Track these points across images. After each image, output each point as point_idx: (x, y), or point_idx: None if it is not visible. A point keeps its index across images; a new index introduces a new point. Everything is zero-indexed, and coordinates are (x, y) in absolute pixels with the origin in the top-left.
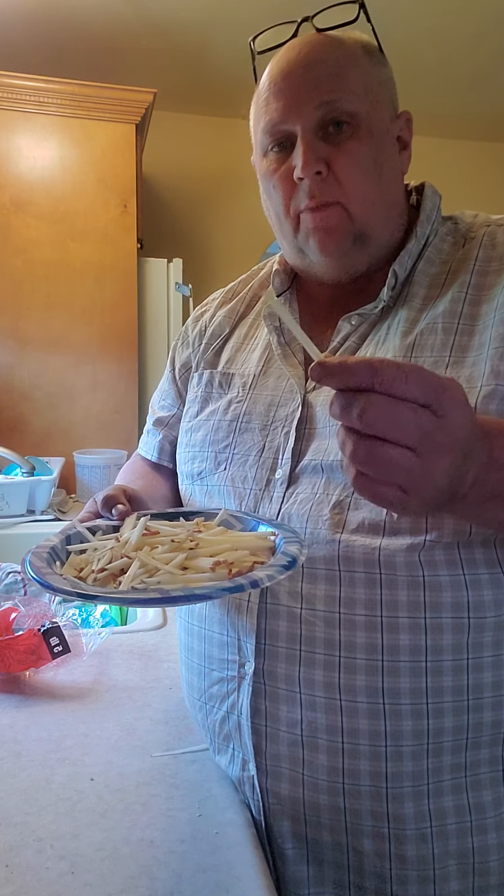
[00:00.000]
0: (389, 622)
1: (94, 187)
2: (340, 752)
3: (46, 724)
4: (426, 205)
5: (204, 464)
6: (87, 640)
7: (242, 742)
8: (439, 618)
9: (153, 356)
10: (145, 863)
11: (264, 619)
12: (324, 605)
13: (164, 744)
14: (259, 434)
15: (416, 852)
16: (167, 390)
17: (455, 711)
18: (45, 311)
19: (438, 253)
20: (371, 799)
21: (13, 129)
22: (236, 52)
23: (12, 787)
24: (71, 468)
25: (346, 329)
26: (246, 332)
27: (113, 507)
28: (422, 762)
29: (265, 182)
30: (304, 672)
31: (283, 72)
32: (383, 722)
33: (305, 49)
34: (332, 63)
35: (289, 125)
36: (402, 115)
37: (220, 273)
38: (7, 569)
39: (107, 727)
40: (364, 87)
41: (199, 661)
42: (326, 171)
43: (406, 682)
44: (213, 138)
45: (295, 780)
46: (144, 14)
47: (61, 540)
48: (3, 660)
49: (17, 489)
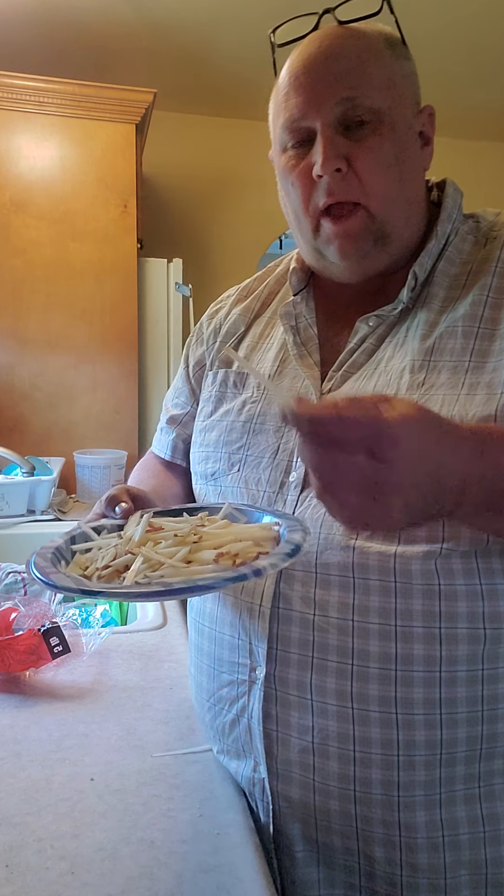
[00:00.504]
0: (404, 631)
1: (94, 187)
2: (352, 760)
3: (46, 724)
4: (447, 203)
5: (217, 464)
6: (87, 640)
7: (253, 745)
8: (454, 628)
9: (153, 356)
10: (146, 863)
11: (276, 624)
12: (337, 612)
13: (164, 744)
14: (273, 436)
15: (428, 861)
16: (181, 388)
17: (469, 722)
18: (45, 311)
19: (459, 253)
20: (382, 807)
21: (13, 129)
22: (237, 52)
23: (12, 787)
24: (71, 468)
25: (363, 330)
26: (261, 330)
27: (116, 506)
28: (434, 772)
29: (283, 179)
30: (315, 679)
31: (303, 66)
32: (396, 731)
33: (326, 42)
34: (353, 57)
35: (308, 121)
36: (424, 110)
37: (220, 273)
38: (7, 569)
39: (107, 727)
40: (386, 81)
41: (209, 662)
42: (346, 168)
43: (419, 692)
44: (213, 138)
45: (306, 785)
46: (145, 14)
47: (66, 540)
48: (3, 660)
49: (17, 489)
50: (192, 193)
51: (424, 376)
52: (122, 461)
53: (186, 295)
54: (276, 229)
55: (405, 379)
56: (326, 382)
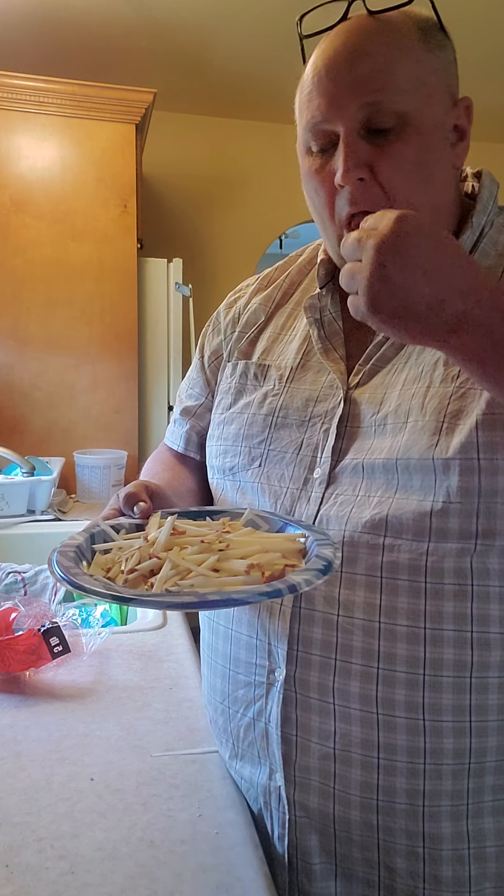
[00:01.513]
0: (433, 634)
1: (93, 187)
2: (376, 767)
3: (46, 724)
4: (483, 194)
5: (237, 458)
6: (87, 640)
7: (270, 751)
8: (487, 632)
9: (153, 356)
10: (145, 863)
11: (297, 625)
12: (363, 612)
13: (164, 744)
14: (297, 430)
15: (452, 874)
16: (195, 379)
17: (500, 731)
18: (45, 311)
19: (494, 245)
20: (406, 817)
21: (13, 129)
22: (236, 53)
23: (12, 787)
24: (71, 468)
25: None
26: (283, 322)
27: (135, 505)
28: (462, 782)
29: (308, 182)
30: (339, 682)
31: (326, 64)
32: (423, 739)
33: (353, 38)
34: (380, 56)
35: (331, 125)
36: (460, 102)
37: (220, 273)
38: (7, 569)
39: (107, 727)
40: (415, 80)
41: (224, 662)
42: (369, 177)
43: (448, 698)
44: (213, 138)
45: (325, 793)
46: (145, 14)
47: (86, 538)
48: (3, 660)
49: (17, 489)
50: (192, 193)
51: (459, 369)
52: (121, 461)
53: (186, 295)
54: (276, 229)
55: (439, 371)
56: (354, 376)
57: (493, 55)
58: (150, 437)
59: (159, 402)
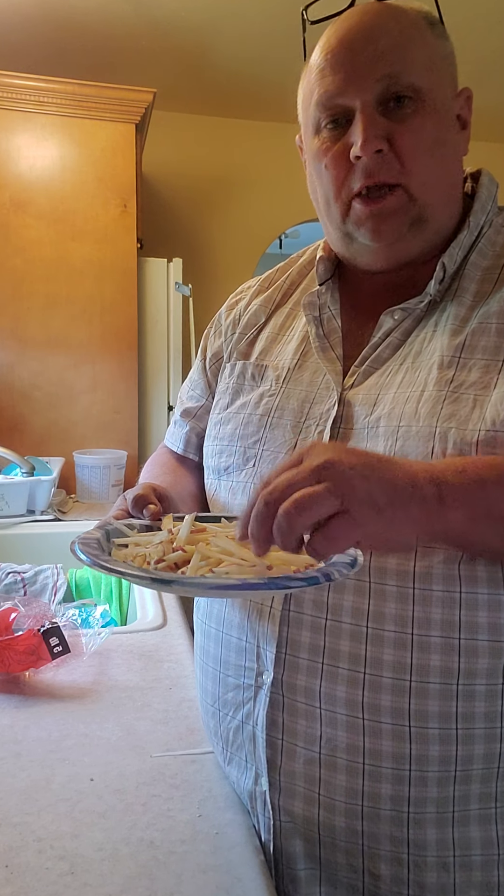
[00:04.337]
0: (420, 641)
1: (93, 187)
2: (361, 773)
3: (46, 724)
4: (482, 193)
5: (231, 458)
6: (87, 640)
7: (256, 755)
8: (475, 640)
9: (153, 356)
10: (145, 863)
11: (286, 628)
12: (350, 617)
13: (164, 744)
14: (291, 431)
15: (437, 880)
16: (196, 380)
17: (487, 739)
18: (45, 311)
19: (492, 245)
20: (391, 823)
21: (13, 129)
22: (237, 52)
23: (12, 787)
24: (71, 468)
25: (388, 324)
26: (282, 322)
27: (144, 507)
28: (448, 789)
29: (315, 162)
30: (325, 687)
31: (342, 41)
32: (408, 745)
33: (367, 18)
34: (396, 34)
35: (347, 99)
36: (462, 93)
37: (219, 273)
38: (7, 569)
39: (107, 727)
40: (428, 60)
41: (215, 665)
42: (387, 149)
43: (435, 704)
44: (213, 138)
45: (310, 799)
46: (145, 14)
47: (103, 533)
48: (3, 660)
49: (16, 489)
50: (191, 193)
51: (454, 373)
52: (121, 461)
53: (186, 295)
54: (276, 229)
55: (433, 375)
56: (349, 377)
57: (493, 55)
58: (150, 437)
59: (159, 401)
